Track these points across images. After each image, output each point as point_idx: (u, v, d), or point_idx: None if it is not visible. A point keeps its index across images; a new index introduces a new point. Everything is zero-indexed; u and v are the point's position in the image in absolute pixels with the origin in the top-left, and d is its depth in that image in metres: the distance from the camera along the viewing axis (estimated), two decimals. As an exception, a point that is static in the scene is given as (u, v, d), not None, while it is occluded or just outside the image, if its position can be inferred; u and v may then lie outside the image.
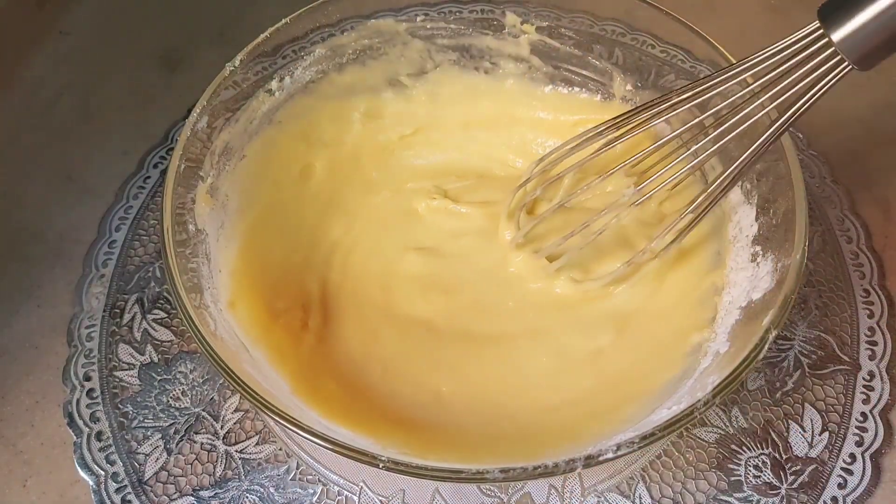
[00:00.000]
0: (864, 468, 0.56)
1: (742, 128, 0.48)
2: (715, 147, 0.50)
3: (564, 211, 0.61)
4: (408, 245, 0.64)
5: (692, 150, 0.52)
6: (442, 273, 0.62)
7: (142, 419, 0.58)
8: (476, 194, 0.66)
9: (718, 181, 0.51)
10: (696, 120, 0.51)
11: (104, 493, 0.55)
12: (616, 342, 0.58)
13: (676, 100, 0.52)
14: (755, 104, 0.47)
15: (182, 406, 0.59)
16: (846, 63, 0.40)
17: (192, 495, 0.55)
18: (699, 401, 0.43)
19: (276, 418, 0.44)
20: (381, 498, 0.55)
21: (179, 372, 0.61)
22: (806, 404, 0.59)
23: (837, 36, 0.39)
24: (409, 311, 0.60)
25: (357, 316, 0.60)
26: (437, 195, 0.66)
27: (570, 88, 0.68)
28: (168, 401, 0.59)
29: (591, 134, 0.56)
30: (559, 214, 0.60)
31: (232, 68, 0.58)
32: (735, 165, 0.50)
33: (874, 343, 0.61)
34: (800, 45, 0.43)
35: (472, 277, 0.62)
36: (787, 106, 0.45)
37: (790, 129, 0.48)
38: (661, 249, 0.57)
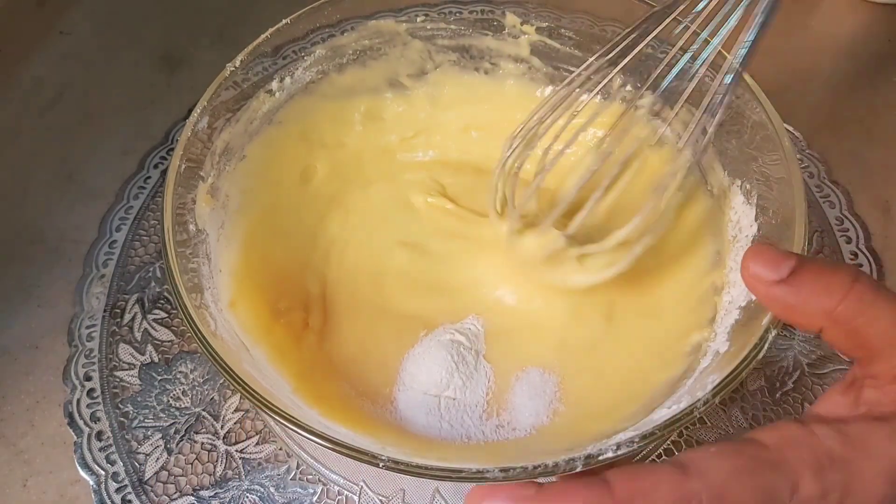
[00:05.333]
0: (863, 468, 0.56)
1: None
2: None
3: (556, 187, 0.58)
4: (398, 239, 0.64)
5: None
6: (429, 271, 0.62)
7: (142, 419, 0.59)
8: (474, 197, 0.66)
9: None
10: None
11: (104, 493, 0.55)
12: (608, 331, 0.58)
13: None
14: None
15: (182, 406, 0.59)
16: None
17: (192, 495, 0.55)
18: (699, 400, 0.43)
19: (276, 417, 0.44)
20: (381, 497, 0.55)
21: (180, 372, 0.61)
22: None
23: None
24: (402, 308, 0.60)
25: (352, 314, 0.60)
26: (435, 192, 0.66)
27: (570, 89, 0.68)
28: (168, 401, 0.59)
29: (552, 99, 0.54)
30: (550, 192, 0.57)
31: (232, 69, 0.58)
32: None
33: (873, 343, 0.61)
34: None
35: (461, 282, 0.61)
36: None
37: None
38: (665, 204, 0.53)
